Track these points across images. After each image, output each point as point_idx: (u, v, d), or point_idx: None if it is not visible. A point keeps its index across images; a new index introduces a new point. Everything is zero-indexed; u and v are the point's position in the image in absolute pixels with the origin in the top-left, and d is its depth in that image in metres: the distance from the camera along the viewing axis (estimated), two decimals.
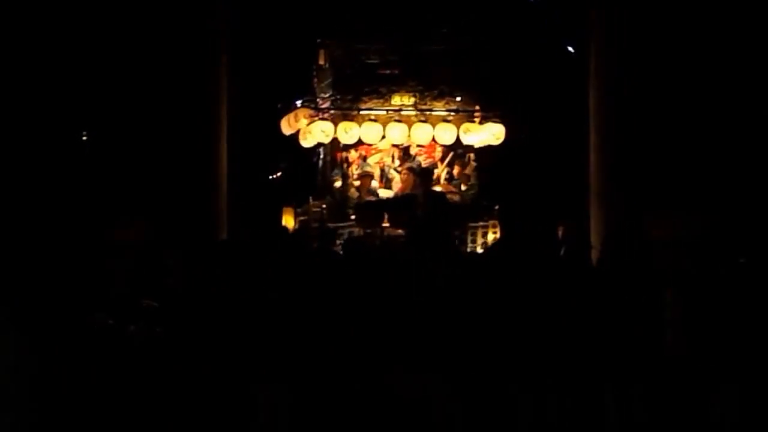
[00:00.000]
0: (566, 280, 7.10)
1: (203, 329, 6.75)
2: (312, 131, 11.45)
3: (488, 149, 11.87)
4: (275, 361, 6.26)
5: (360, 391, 6.28)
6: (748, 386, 6.15)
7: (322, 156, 12.16)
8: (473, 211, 11.38)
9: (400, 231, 10.59)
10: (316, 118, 11.48)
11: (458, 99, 11.80)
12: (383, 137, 11.57)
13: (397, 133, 11.49)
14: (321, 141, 11.58)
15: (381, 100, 11.75)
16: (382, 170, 12.19)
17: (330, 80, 11.94)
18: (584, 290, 6.93)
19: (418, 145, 12.01)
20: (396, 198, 11.42)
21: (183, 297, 7.16)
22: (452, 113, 11.69)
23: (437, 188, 11.63)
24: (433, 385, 6.46)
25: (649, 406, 6.22)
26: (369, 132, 11.41)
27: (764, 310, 6.46)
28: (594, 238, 10.30)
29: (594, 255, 7.59)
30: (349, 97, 11.70)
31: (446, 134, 11.56)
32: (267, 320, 6.49)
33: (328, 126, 11.36)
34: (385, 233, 10.89)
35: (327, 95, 11.92)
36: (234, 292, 6.91)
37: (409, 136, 11.59)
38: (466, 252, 10.52)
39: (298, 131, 11.88)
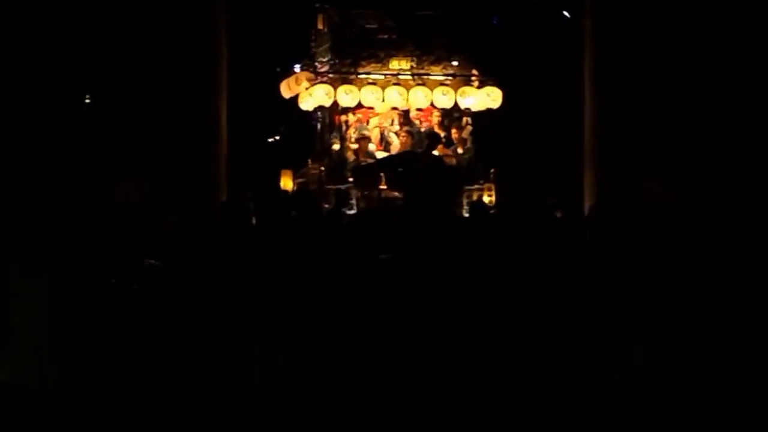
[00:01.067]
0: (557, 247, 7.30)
1: (202, 288, 6.92)
2: (313, 94, 11.58)
3: (485, 113, 11.99)
4: (274, 319, 6.44)
5: (352, 352, 6.47)
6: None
7: (320, 119, 12.29)
8: (469, 174, 11.54)
9: (397, 193, 10.78)
10: (317, 82, 11.62)
11: (455, 63, 11.91)
12: (383, 101, 11.71)
13: (396, 96, 11.63)
14: (322, 104, 11.70)
15: (379, 65, 11.88)
16: (382, 133, 12.33)
17: (328, 44, 12.05)
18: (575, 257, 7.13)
19: (417, 109, 12.14)
20: (394, 156, 11.54)
21: (182, 257, 7.31)
22: (449, 77, 11.82)
23: (434, 152, 11.75)
24: (424, 348, 6.65)
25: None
26: (368, 95, 11.56)
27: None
28: (587, 201, 10.51)
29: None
30: (348, 61, 11.82)
31: (444, 98, 11.70)
32: (268, 280, 6.64)
33: (328, 89, 11.50)
34: (383, 195, 11.07)
35: (325, 59, 12.04)
36: (235, 257, 7.06)
37: (407, 99, 11.73)
38: (461, 215, 10.68)
39: (297, 95, 12.02)
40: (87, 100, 10.80)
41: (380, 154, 11.86)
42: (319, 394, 6.33)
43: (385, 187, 11.10)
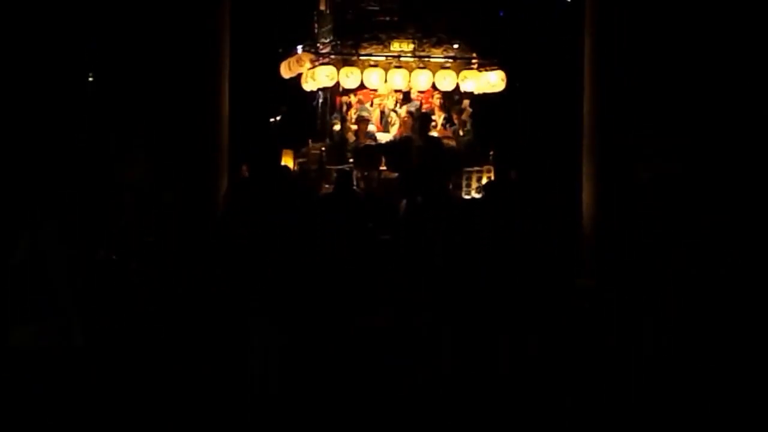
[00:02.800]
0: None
1: (204, 267, 7.01)
2: (315, 75, 11.64)
3: (486, 96, 12.06)
4: (271, 295, 6.53)
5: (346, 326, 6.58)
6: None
7: (321, 100, 12.35)
8: (468, 156, 11.61)
9: (396, 174, 10.85)
10: (319, 63, 11.68)
11: (456, 46, 11.96)
12: (385, 82, 11.77)
13: (398, 78, 11.67)
14: (324, 85, 11.76)
15: (381, 46, 11.91)
16: (382, 113, 12.38)
17: (330, 26, 12.09)
18: None
19: (419, 91, 12.20)
20: (393, 141, 11.63)
21: (184, 235, 7.41)
22: (450, 60, 11.87)
23: (434, 133, 11.82)
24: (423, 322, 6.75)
25: None
26: (370, 77, 11.61)
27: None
28: (585, 186, 10.58)
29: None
30: (349, 43, 11.85)
31: (445, 80, 11.76)
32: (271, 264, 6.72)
33: (331, 70, 11.55)
34: (382, 176, 11.15)
35: (327, 40, 12.09)
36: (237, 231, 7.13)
37: (409, 81, 11.79)
38: (460, 197, 10.76)
39: (298, 75, 12.06)
40: (90, 79, 10.84)
41: (381, 135, 11.93)
42: (318, 375, 6.44)
43: (384, 168, 11.19)
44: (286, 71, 12.12)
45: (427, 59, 11.83)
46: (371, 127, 12.02)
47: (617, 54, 10.44)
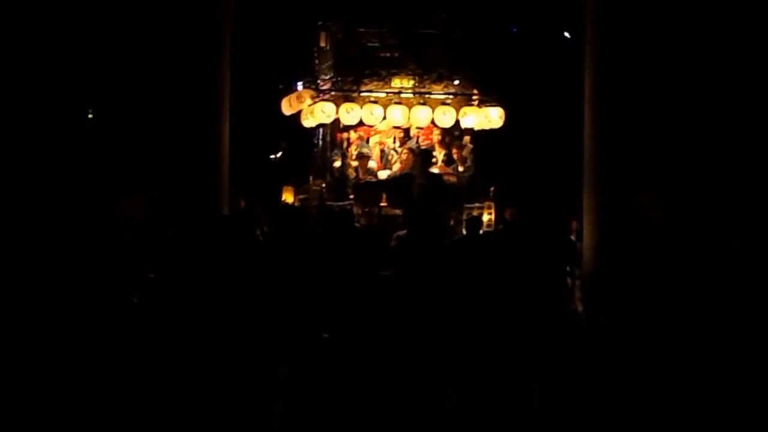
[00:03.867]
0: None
1: (205, 300, 6.97)
2: (314, 111, 11.66)
3: (486, 132, 12.08)
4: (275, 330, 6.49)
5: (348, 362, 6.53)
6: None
7: (322, 136, 12.37)
8: (469, 192, 11.62)
9: (397, 210, 10.84)
10: (319, 99, 11.70)
11: (456, 82, 12.01)
12: (384, 118, 11.80)
13: (397, 114, 11.71)
14: (323, 121, 11.79)
15: (381, 83, 11.98)
16: (382, 151, 12.41)
17: (331, 62, 12.16)
18: None
19: (418, 127, 12.22)
20: (394, 178, 11.63)
21: (183, 269, 7.37)
22: (451, 96, 11.91)
23: (434, 170, 11.83)
24: (424, 355, 6.70)
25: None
26: (370, 113, 11.64)
27: None
28: (586, 221, 10.55)
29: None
30: (350, 79, 11.91)
31: (445, 117, 11.79)
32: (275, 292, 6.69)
33: (330, 106, 11.58)
34: (383, 212, 11.14)
35: (328, 77, 12.13)
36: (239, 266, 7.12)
37: (409, 117, 11.82)
38: (459, 233, 10.74)
39: (298, 112, 12.09)
40: (90, 115, 10.85)
41: (381, 172, 11.94)
42: (322, 402, 6.39)
43: (385, 204, 11.19)
44: (287, 108, 12.15)
45: (427, 95, 11.88)
46: (372, 164, 12.04)
47: (618, 89, 10.47)
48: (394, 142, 12.36)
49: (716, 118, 10.13)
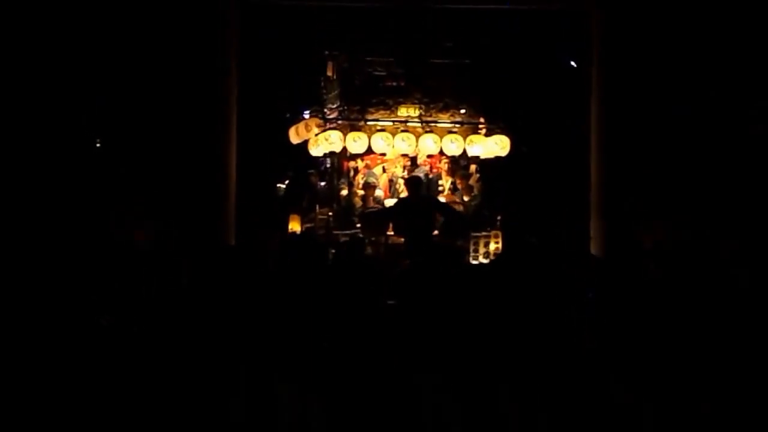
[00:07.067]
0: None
1: (214, 333, 6.94)
2: (322, 140, 11.70)
3: (493, 160, 12.08)
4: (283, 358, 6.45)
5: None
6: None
7: (329, 165, 12.39)
8: (476, 221, 11.58)
9: (403, 239, 10.81)
10: (326, 128, 11.74)
11: (463, 111, 12.03)
12: (392, 147, 11.81)
13: (404, 143, 11.73)
14: (331, 150, 11.82)
15: (388, 111, 12.03)
16: (391, 180, 12.42)
17: (338, 91, 12.21)
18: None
19: (426, 156, 12.24)
20: (397, 206, 11.61)
21: (192, 300, 7.34)
22: (457, 125, 11.92)
23: (442, 198, 11.82)
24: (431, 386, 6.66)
25: None
26: (378, 142, 11.66)
27: None
28: (594, 248, 10.52)
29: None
30: (357, 108, 11.96)
31: (453, 145, 11.80)
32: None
33: (337, 135, 11.61)
34: (390, 241, 11.10)
35: (335, 106, 12.18)
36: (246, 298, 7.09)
37: (416, 146, 11.83)
38: (468, 262, 10.70)
39: (305, 141, 12.12)
40: (98, 144, 10.89)
41: (388, 201, 11.93)
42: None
43: (392, 233, 11.16)
44: (294, 137, 12.18)
45: (434, 124, 11.89)
46: (379, 193, 12.04)
47: (624, 118, 10.47)
48: (403, 170, 12.36)
49: (726, 147, 10.11)
